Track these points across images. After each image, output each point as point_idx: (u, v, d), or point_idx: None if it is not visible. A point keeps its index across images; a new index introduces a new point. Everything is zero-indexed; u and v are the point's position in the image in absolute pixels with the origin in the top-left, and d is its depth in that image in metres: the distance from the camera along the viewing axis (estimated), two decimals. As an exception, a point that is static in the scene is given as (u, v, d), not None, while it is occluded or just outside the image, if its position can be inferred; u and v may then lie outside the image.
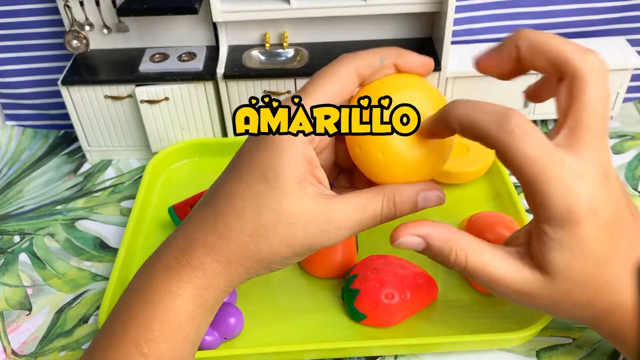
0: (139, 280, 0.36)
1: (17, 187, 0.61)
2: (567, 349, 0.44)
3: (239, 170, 0.35)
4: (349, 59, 0.36)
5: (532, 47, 0.35)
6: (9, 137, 0.68)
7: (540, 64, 0.35)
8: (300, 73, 0.57)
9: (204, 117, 0.60)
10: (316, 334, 0.44)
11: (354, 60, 0.36)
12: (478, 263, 0.35)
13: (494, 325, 0.44)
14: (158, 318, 0.33)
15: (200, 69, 0.58)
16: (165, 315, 0.33)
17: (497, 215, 0.48)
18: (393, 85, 0.36)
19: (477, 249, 0.35)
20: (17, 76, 0.65)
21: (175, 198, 0.53)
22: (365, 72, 0.36)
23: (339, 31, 0.61)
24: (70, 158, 0.64)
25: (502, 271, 0.35)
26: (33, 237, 0.55)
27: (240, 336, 0.44)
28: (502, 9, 0.62)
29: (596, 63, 0.34)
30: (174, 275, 0.34)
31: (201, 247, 0.34)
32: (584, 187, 0.32)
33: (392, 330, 0.44)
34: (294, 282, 0.48)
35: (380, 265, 0.44)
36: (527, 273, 0.35)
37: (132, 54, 0.60)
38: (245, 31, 0.61)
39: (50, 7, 0.60)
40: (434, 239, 0.36)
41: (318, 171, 0.36)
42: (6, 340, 0.47)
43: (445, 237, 0.36)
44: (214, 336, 0.42)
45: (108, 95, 0.58)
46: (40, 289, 0.50)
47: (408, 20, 0.60)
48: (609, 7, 0.62)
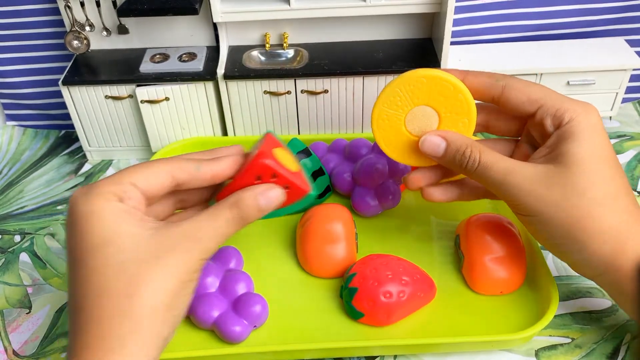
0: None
1: (17, 187, 0.61)
2: (566, 349, 0.44)
3: (84, 270, 0.34)
4: (164, 161, 0.38)
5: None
6: (9, 137, 0.68)
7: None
8: (300, 73, 0.57)
9: (204, 118, 0.60)
10: (314, 332, 0.44)
11: (168, 162, 0.38)
12: (491, 156, 0.40)
13: (493, 325, 0.44)
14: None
15: (200, 69, 0.58)
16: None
17: (495, 217, 0.48)
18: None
19: (491, 150, 0.41)
20: (18, 76, 0.65)
21: (176, 198, 0.53)
22: (181, 176, 0.37)
23: (339, 31, 0.61)
24: (70, 158, 0.65)
25: (516, 163, 0.40)
26: (34, 236, 0.55)
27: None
28: (502, 9, 0.62)
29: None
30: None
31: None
32: (594, 107, 0.40)
33: (391, 330, 0.44)
34: (293, 281, 0.48)
35: (379, 264, 0.44)
36: (541, 165, 0.39)
37: (133, 54, 0.60)
38: (245, 31, 0.61)
39: (51, 7, 0.60)
40: (453, 137, 0.42)
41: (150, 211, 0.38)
42: (7, 340, 0.47)
43: (462, 137, 0.42)
44: (244, 325, 0.43)
45: (108, 96, 0.59)
46: (41, 288, 0.50)
47: (408, 21, 0.60)
48: (608, 7, 0.62)
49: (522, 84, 0.42)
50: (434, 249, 0.50)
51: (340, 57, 0.59)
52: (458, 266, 0.49)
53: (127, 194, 0.35)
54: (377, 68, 0.57)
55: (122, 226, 0.34)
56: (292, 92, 0.58)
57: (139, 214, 0.35)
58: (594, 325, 0.45)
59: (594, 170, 0.38)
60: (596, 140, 0.39)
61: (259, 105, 0.59)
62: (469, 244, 0.47)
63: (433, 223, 0.53)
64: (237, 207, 0.37)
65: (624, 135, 0.63)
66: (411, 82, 0.42)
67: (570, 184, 0.38)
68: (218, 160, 0.39)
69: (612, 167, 0.39)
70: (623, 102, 0.67)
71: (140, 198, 0.36)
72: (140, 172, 0.36)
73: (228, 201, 0.37)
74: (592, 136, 0.39)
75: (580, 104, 0.40)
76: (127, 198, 0.35)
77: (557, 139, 0.40)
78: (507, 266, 0.45)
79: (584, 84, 0.60)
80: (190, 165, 0.38)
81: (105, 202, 0.34)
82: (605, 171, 0.39)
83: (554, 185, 0.38)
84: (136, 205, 0.35)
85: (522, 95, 0.41)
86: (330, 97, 0.59)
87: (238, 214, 0.37)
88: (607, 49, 0.61)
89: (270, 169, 0.38)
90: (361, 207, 0.52)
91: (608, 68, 0.59)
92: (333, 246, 0.47)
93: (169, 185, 0.37)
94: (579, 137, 0.39)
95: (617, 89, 0.61)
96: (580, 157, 0.38)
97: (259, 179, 0.38)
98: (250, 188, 0.38)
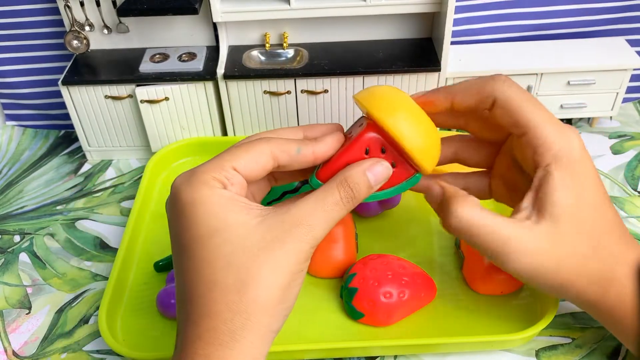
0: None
1: (17, 187, 0.61)
2: (566, 349, 0.44)
3: (192, 261, 0.33)
4: (266, 141, 0.36)
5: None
6: (9, 137, 0.68)
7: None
8: (300, 73, 0.57)
9: (204, 117, 0.60)
10: (314, 332, 0.44)
11: (270, 144, 0.36)
12: (489, 224, 0.37)
13: (493, 325, 0.44)
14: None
15: (200, 69, 0.58)
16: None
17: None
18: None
19: (475, 205, 0.38)
20: (18, 76, 0.65)
21: (176, 198, 0.53)
22: (282, 158, 0.36)
23: (339, 31, 0.61)
24: (70, 158, 0.64)
25: (512, 231, 0.37)
26: (33, 237, 0.55)
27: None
28: (502, 9, 0.62)
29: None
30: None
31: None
32: (575, 134, 0.38)
33: (391, 330, 0.44)
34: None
35: (379, 265, 0.44)
36: (534, 225, 0.37)
37: (133, 54, 0.60)
38: (245, 31, 0.61)
39: (50, 7, 0.60)
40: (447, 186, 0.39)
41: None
42: (7, 340, 0.47)
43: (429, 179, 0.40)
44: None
45: (108, 95, 0.59)
46: (40, 289, 0.50)
47: (408, 21, 0.60)
48: (608, 7, 0.62)
49: (511, 103, 0.39)
50: (434, 249, 0.50)
51: (340, 57, 0.59)
52: (458, 266, 0.48)
53: (230, 180, 0.34)
54: (377, 68, 0.57)
55: (229, 215, 0.33)
56: (292, 92, 0.58)
57: (243, 201, 0.34)
58: (595, 326, 0.45)
59: (579, 222, 0.37)
60: (579, 182, 0.37)
61: (259, 105, 0.59)
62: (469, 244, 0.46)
63: (433, 223, 0.53)
64: (347, 186, 0.35)
65: (624, 135, 0.63)
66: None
67: (562, 246, 0.37)
68: (320, 141, 0.37)
69: (598, 208, 0.38)
70: (623, 102, 0.67)
71: (242, 183, 0.35)
72: (242, 155, 0.35)
73: (335, 181, 0.35)
74: (575, 180, 0.37)
75: (562, 133, 0.38)
76: (230, 184, 0.34)
77: (541, 183, 0.38)
78: (508, 266, 0.45)
79: (584, 83, 0.60)
80: (292, 146, 0.36)
81: (210, 190, 0.33)
82: (589, 218, 0.37)
83: (550, 251, 0.37)
84: (239, 191, 0.34)
85: (508, 119, 0.39)
86: (330, 97, 0.58)
87: (348, 194, 0.35)
88: (607, 48, 0.61)
89: (380, 142, 0.36)
90: (361, 207, 0.52)
91: (608, 68, 0.59)
92: (333, 246, 0.47)
93: (270, 169, 0.36)
94: (561, 184, 0.37)
95: (618, 89, 0.61)
96: (566, 209, 0.37)
97: (366, 154, 0.37)
98: (356, 164, 0.36)
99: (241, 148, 0.35)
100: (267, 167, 0.35)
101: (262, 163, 0.35)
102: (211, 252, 0.32)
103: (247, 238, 0.33)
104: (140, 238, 0.52)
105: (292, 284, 0.33)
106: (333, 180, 0.36)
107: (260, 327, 0.32)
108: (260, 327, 0.32)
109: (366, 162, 0.36)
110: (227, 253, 0.32)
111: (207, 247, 0.33)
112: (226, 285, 0.32)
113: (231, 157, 0.35)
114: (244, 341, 0.32)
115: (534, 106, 0.39)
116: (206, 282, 0.32)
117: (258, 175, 0.35)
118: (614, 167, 0.59)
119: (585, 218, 0.37)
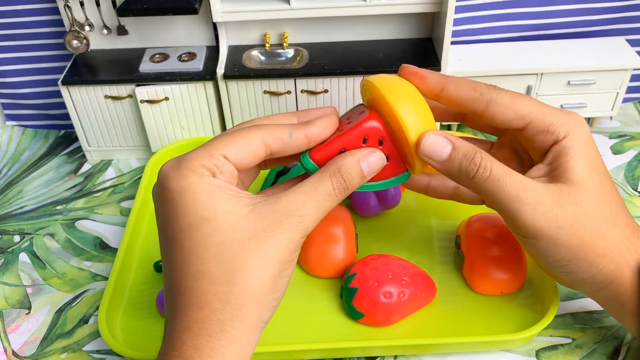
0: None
1: (17, 187, 0.61)
2: (566, 349, 0.44)
3: (181, 251, 0.33)
4: (257, 128, 0.35)
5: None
6: (9, 137, 0.68)
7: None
8: (300, 73, 0.57)
9: (204, 117, 0.60)
10: (314, 332, 0.44)
11: (261, 130, 0.35)
12: (502, 167, 0.37)
13: (493, 325, 0.44)
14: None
15: (200, 69, 0.58)
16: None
17: (496, 217, 0.48)
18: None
19: (498, 161, 0.37)
20: (18, 76, 0.65)
21: (175, 198, 0.53)
22: (274, 144, 0.35)
23: (339, 31, 0.61)
24: (70, 158, 0.64)
25: (527, 179, 0.37)
26: (33, 237, 0.55)
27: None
28: (502, 9, 0.62)
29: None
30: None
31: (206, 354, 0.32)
32: (579, 116, 0.39)
33: (391, 330, 0.44)
34: (293, 281, 0.48)
35: (379, 265, 0.44)
36: (551, 185, 0.37)
37: (132, 54, 0.60)
38: (245, 31, 0.61)
39: (50, 7, 0.60)
40: (460, 142, 0.37)
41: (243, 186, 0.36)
42: (6, 340, 0.47)
43: (468, 143, 0.37)
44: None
45: (108, 95, 0.58)
46: (40, 289, 0.50)
47: (408, 21, 0.60)
48: (608, 7, 0.62)
49: (507, 98, 0.39)
50: (434, 249, 0.50)
51: (340, 57, 0.59)
52: (458, 266, 0.48)
53: (219, 168, 0.33)
54: (377, 68, 0.57)
55: (218, 204, 0.32)
56: (292, 92, 0.58)
57: (233, 189, 0.33)
58: (595, 326, 0.45)
59: (598, 187, 0.38)
60: (592, 155, 0.38)
61: (259, 105, 0.59)
62: (469, 244, 0.46)
63: (433, 223, 0.53)
64: (340, 176, 0.34)
65: (625, 135, 0.63)
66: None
67: (582, 204, 0.37)
68: (312, 123, 0.36)
69: (609, 182, 0.39)
70: (623, 102, 0.67)
71: (232, 171, 0.34)
72: (232, 143, 0.34)
73: (328, 170, 0.35)
74: (589, 151, 0.38)
75: (570, 116, 0.39)
76: (219, 172, 0.33)
77: (556, 156, 0.38)
78: (508, 266, 0.45)
79: (584, 83, 0.60)
80: (284, 131, 0.35)
81: (199, 178, 0.33)
82: (606, 186, 0.38)
83: (568, 206, 0.37)
84: (229, 179, 0.34)
85: (509, 112, 0.39)
86: (330, 97, 0.58)
87: (341, 185, 0.34)
88: (607, 48, 0.61)
89: (380, 133, 0.36)
90: (361, 207, 0.52)
91: (608, 68, 0.59)
92: (333, 246, 0.47)
93: (262, 156, 0.35)
94: (578, 153, 0.38)
95: (618, 89, 0.61)
96: (585, 175, 0.37)
97: (364, 143, 0.36)
98: (350, 153, 0.35)
99: (232, 135, 0.35)
100: (258, 155, 0.35)
101: (253, 151, 0.35)
102: (200, 242, 0.32)
103: (237, 227, 0.32)
104: (140, 238, 0.52)
105: (282, 273, 0.33)
106: (326, 169, 0.35)
107: (251, 317, 0.32)
108: (251, 317, 0.32)
109: (361, 151, 0.36)
110: (217, 243, 0.32)
111: (196, 237, 0.32)
112: (215, 275, 0.32)
113: (221, 144, 0.34)
114: (234, 332, 0.32)
115: (530, 99, 0.39)
116: (195, 273, 0.32)
117: (249, 163, 0.35)
118: (614, 167, 0.59)
119: (603, 186, 0.38)
